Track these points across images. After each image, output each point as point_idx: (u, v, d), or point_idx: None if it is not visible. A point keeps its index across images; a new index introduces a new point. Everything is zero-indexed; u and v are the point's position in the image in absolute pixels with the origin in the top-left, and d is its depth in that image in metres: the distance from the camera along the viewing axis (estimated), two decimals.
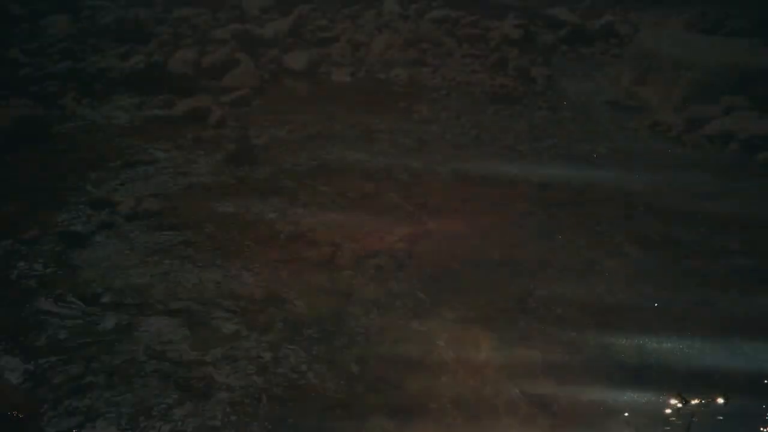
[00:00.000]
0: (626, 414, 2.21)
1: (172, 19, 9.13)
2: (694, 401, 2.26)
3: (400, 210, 3.80)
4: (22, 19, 7.60)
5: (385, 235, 3.44)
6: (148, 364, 2.36)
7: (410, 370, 2.40)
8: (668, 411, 2.24)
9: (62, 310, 2.67)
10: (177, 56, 6.66)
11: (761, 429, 2.16)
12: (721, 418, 2.22)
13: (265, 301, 2.79)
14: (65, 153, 4.52)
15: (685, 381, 2.37)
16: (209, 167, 4.36)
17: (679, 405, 2.24)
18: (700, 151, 5.22)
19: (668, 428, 2.16)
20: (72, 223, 3.44)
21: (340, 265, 3.14)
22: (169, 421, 2.12)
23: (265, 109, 5.96)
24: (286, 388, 2.28)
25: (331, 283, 2.98)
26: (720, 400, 2.27)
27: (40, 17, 7.92)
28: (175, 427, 2.10)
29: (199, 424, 2.11)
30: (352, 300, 2.85)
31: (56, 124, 5.05)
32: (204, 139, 4.70)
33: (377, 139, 5.10)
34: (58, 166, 4.26)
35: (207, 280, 2.94)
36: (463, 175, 4.42)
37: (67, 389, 2.22)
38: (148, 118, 5.40)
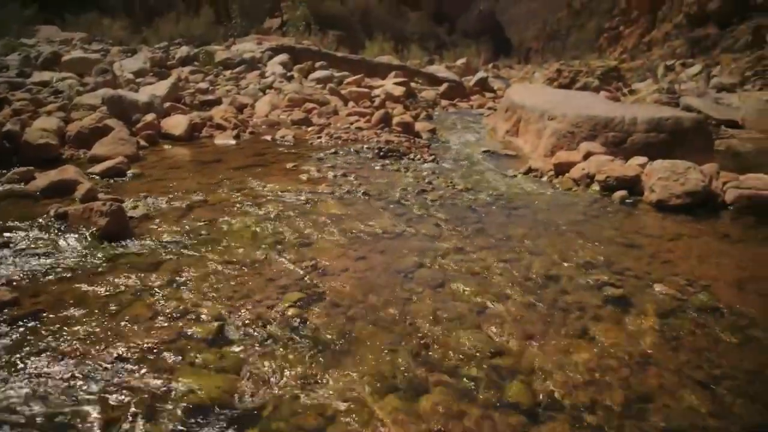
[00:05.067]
0: None
1: (29, 84, 8.49)
2: None
3: (291, 274, 3.70)
4: None
5: (276, 303, 3.32)
6: None
7: None
8: None
9: None
10: (36, 125, 6.16)
11: None
12: None
13: (148, 389, 2.52)
14: None
15: (574, 415, 2.46)
16: (77, 246, 3.98)
17: None
18: (570, 192, 5.75)
19: None
20: None
21: (228, 341, 2.95)
22: None
23: (142, 178, 5.65)
24: None
25: (220, 361, 2.78)
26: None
27: None
28: None
29: None
30: (243, 376, 2.66)
31: None
32: (70, 215, 4.30)
33: (265, 203, 5.00)
34: None
35: (78, 376, 2.60)
36: (352, 233, 4.44)
37: None
38: (1, 195, 4.88)
